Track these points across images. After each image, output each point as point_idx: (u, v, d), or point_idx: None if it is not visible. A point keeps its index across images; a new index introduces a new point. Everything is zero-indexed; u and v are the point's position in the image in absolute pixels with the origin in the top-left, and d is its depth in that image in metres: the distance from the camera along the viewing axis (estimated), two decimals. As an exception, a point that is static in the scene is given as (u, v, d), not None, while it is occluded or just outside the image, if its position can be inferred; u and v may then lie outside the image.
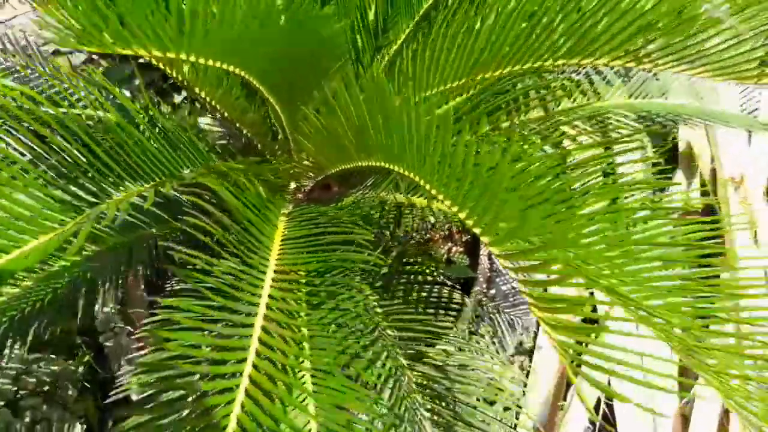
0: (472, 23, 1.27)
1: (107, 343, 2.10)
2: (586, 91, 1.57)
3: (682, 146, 3.13)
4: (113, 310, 2.23)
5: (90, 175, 1.11)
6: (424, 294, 1.47)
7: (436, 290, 1.47)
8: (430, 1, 1.55)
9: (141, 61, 2.07)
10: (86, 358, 2.32)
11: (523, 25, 1.21)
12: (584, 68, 1.53)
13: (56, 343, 2.27)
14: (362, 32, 1.64)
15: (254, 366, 0.99)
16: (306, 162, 1.65)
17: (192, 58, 1.03)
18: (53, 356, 2.17)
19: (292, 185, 1.90)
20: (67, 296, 1.23)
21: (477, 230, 1.02)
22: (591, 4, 1.15)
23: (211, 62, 1.07)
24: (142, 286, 2.15)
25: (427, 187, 1.13)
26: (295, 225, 1.37)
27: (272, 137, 1.75)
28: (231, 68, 1.13)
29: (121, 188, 1.17)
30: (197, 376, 1.05)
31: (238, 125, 1.72)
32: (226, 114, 1.67)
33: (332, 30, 1.18)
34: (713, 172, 2.95)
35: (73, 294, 1.24)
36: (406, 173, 1.21)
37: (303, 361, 1.12)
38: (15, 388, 1.88)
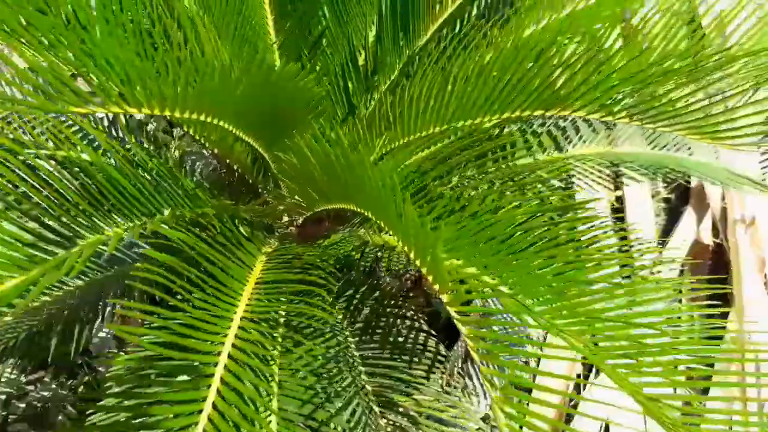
0: (448, 75, 1.27)
1: (101, 368, 2.13)
2: (571, 139, 1.56)
3: (694, 182, 3.08)
4: (109, 335, 2.26)
5: (62, 218, 1.12)
6: (401, 339, 1.45)
7: (413, 335, 1.46)
8: (415, 48, 1.56)
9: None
10: (86, 378, 2.35)
11: (496, 78, 1.21)
12: (566, 119, 1.51)
13: (59, 364, 2.30)
14: (352, 74, 1.65)
15: (210, 420, 0.99)
16: (292, 200, 1.66)
17: (166, 113, 1.05)
18: (49, 379, 2.20)
19: (285, 218, 1.91)
20: (40, 333, 1.25)
21: (436, 286, 1.01)
22: (565, 59, 1.14)
23: (185, 115, 1.09)
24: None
25: (392, 234, 1.14)
26: (272, 267, 1.37)
27: (263, 173, 1.76)
28: (204, 118, 1.14)
29: (95, 230, 1.19)
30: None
31: (228, 161, 1.74)
32: (215, 150, 1.69)
33: (300, 84, 1.19)
34: (724, 211, 2.89)
35: (47, 332, 1.25)
36: (376, 220, 1.22)
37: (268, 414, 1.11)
38: (5, 413, 1.91)
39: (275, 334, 1.31)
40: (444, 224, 1.32)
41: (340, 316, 1.61)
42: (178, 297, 1.05)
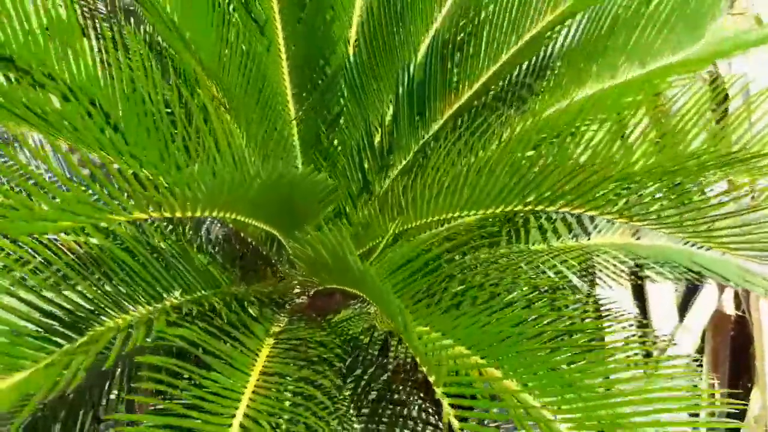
0: (462, 167, 1.27)
1: None
2: (586, 227, 1.54)
3: (716, 250, 3.02)
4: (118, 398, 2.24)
5: (68, 306, 1.12)
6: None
7: (420, 428, 1.43)
8: (431, 131, 1.56)
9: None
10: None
11: (509, 172, 1.21)
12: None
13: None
14: (368, 152, 1.66)
15: None
16: (305, 277, 1.65)
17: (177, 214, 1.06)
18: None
19: (297, 289, 1.90)
20: (45, 417, 1.25)
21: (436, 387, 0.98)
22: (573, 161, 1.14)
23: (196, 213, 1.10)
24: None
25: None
26: (279, 353, 1.36)
27: (277, 247, 1.77)
28: (217, 214, 1.15)
29: (103, 318, 1.19)
30: None
31: (242, 234, 1.75)
32: (230, 225, 1.70)
33: (315, 180, 1.20)
34: (747, 282, 2.82)
35: (52, 416, 1.25)
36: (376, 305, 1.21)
37: None
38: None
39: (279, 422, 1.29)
40: (454, 313, 1.31)
41: (348, 395, 1.59)
42: (178, 400, 1.04)
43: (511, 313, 1.26)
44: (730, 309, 2.86)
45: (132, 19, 2.00)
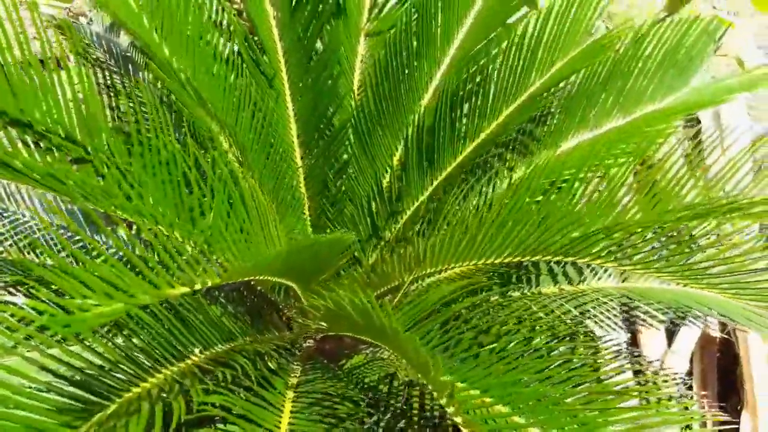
0: (473, 222, 1.30)
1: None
2: (596, 271, 1.58)
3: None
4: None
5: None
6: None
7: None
8: (440, 178, 1.59)
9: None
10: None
11: (521, 232, 1.25)
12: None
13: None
14: (377, 197, 1.68)
15: None
16: (316, 324, 1.66)
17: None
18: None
19: (305, 333, 1.90)
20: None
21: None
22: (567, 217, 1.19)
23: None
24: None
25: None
26: (302, 407, 1.37)
27: (284, 294, 1.77)
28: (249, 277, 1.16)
29: (123, 380, 1.18)
30: None
31: (252, 283, 1.75)
32: (240, 273, 1.70)
33: (333, 242, 1.22)
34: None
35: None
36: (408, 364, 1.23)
37: None
38: None
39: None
40: (471, 362, 1.34)
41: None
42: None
43: (534, 363, 1.28)
44: (715, 331, 2.93)
45: (131, 66, 2.00)
